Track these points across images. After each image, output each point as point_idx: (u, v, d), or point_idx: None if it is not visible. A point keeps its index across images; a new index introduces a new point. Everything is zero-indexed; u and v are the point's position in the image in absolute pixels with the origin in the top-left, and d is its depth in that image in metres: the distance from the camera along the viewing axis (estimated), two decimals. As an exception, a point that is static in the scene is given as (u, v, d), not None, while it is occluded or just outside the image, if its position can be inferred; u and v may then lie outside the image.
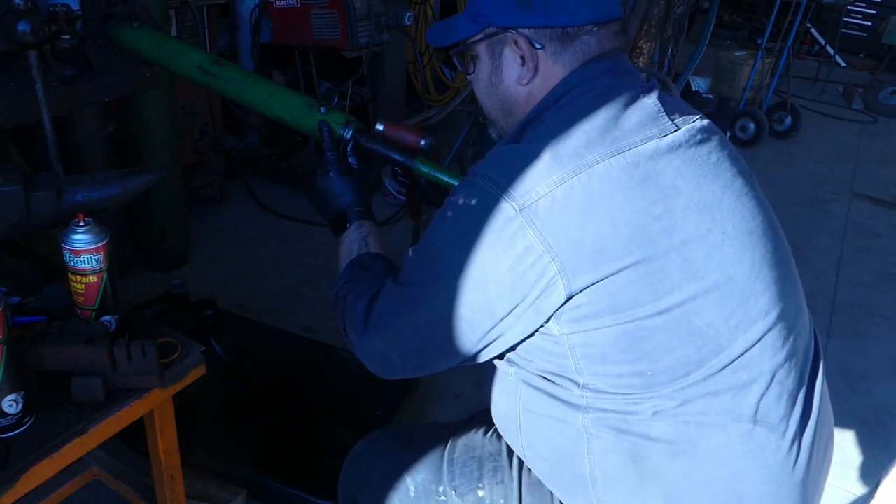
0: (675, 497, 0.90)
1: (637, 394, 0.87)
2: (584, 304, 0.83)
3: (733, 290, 0.86)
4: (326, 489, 1.68)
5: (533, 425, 0.99)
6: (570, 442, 0.93)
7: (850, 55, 7.69)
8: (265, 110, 1.39)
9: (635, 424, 0.88)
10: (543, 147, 0.85)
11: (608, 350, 0.85)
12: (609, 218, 0.81)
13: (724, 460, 0.88)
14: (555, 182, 0.82)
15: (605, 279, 0.81)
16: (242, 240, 3.10)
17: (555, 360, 0.90)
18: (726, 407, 0.87)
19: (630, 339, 0.84)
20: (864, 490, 2.02)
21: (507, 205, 0.82)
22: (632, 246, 0.81)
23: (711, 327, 0.85)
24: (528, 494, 1.08)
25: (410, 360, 0.98)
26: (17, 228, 1.17)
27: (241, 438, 1.94)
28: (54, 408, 1.05)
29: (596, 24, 0.94)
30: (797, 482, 0.92)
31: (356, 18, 2.90)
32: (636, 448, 0.89)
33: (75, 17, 1.50)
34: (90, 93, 1.53)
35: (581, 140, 0.85)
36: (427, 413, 2.17)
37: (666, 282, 0.83)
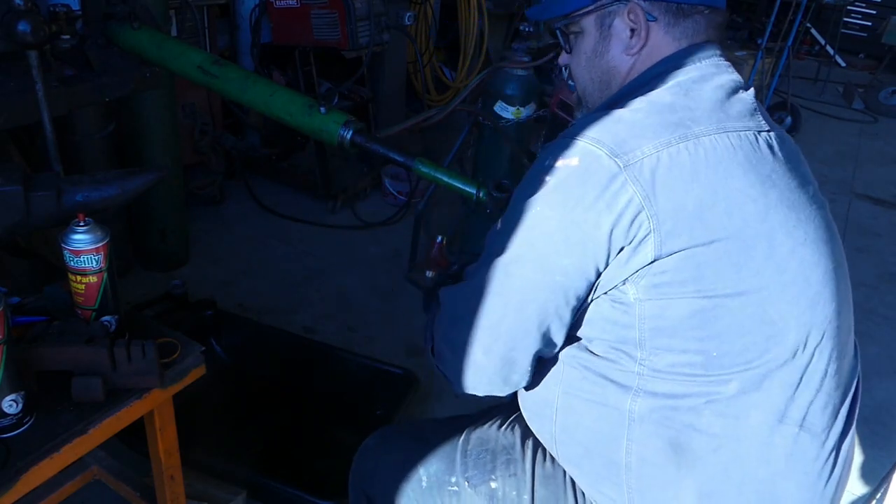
0: (710, 491, 0.90)
1: (696, 376, 0.87)
2: (669, 270, 0.84)
3: (807, 291, 0.88)
4: (326, 489, 1.69)
5: (571, 409, 0.99)
6: (611, 426, 0.94)
7: (850, 55, 7.69)
8: (265, 110, 1.39)
9: (684, 413, 0.89)
10: (649, 113, 0.87)
11: (680, 324, 0.86)
12: (711, 188, 0.83)
13: (766, 460, 0.89)
14: (661, 144, 0.84)
15: (695, 248, 0.83)
16: (242, 240, 3.10)
17: (617, 331, 0.90)
18: (777, 406, 0.88)
19: (706, 316, 0.85)
20: (864, 490, 2.02)
21: (610, 162, 0.83)
22: (727, 221, 0.83)
23: (783, 320, 0.87)
24: (541, 487, 1.08)
25: (497, 345, 0.93)
26: (17, 228, 1.17)
27: (241, 438, 1.94)
28: (54, 408, 1.05)
29: (708, 8, 0.96)
30: (829, 495, 0.93)
31: (356, 18, 2.90)
32: (680, 437, 0.89)
33: (75, 17, 1.51)
34: (90, 93, 1.53)
35: (688, 114, 0.87)
36: (427, 413, 2.17)
37: (751, 264, 0.85)
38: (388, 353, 2.40)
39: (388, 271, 2.95)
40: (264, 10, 3.16)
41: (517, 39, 2.42)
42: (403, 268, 2.93)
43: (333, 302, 2.70)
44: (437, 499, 1.12)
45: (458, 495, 1.10)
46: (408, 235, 2.95)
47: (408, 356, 2.42)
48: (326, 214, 3.37)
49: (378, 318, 2.62)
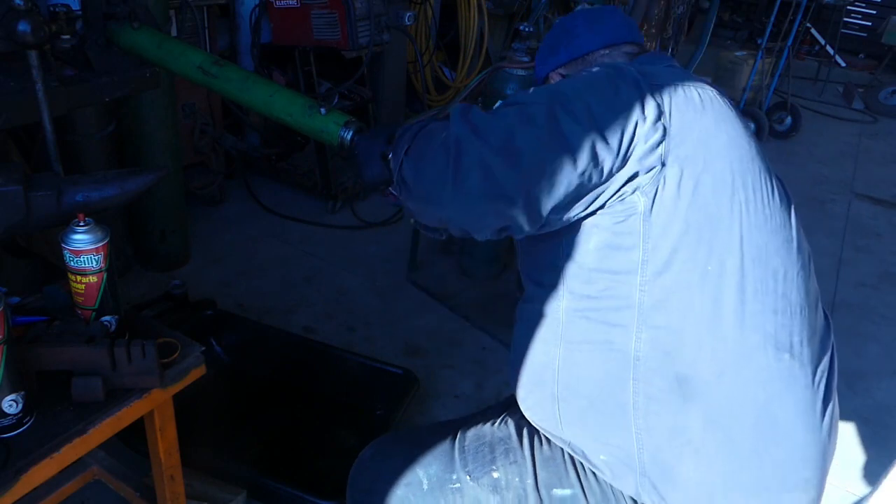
0: (715, 417, 0.95)
1: (692, 300, 0.94)
2: (674, 183, 0.94)
3: (782, 233, 0.99)
4: (326, 489, 1.69)
5: (574, 363, 1.03)
6: (616, 370, 0.99)
7: (850, 55, 7.69)
8: (265, 111, 1.39)
9: (687, 346, 0.95)
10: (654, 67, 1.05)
11: (677, 240, 0.94)
12: (715, 123, 0.97)
13: (763, 383, 0.95)
14: (678, 80, 0.99)
15: (696, 168, 0.94)
16: (242, 240, 3.10)
17: (621, 257, 0.96)
18: (768, 331, 0.95)
19: (701, 233, 0.94)
20: (864, 490, 2.02)
21: (639, 77, 0.97)
22: (725, 152, 0.96)
23: (765, 249, 0.96)
24: (542, 469, 1.11)
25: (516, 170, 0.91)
26: (17, 228, 1.17)
27: (241, 438, 1.94)
28: (54, 408, 1.05)
29: (607, 47, 1.16)
30: (825, 433, 0.99)
31: (356, 18, 2.90)
32: (684, 369, 0.95)
33: (75, 17, 1.50)
34: (90, 93, 1.53)
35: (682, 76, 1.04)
36: (427, 413, 2.17)
37: (742, 193, 0.96)
38: (387, 353, 2.40)
39: (388, 271, 2.95)
40: (264, 11, 3.16)
41: (517, 39, 2.42)
42: (403, 268, 2.93)
43: (333, 302, 2.70)
44: (439, 499, 1.13)
45: (460, 491, 1.11)
46: (408, 235, 2.95)
47: (407, 356, 2.42)
48: (326, 214, 3.37)
49: (378, 318, 2.63)
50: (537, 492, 1.09)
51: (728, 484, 0.97)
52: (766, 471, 0.96)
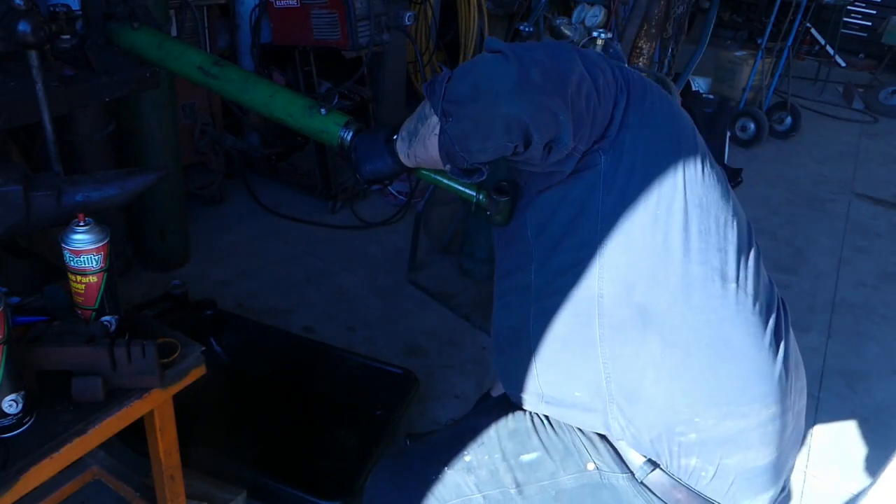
0: (672, 340, 1.04)
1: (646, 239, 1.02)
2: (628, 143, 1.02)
3: (721, 188, 1.08)
4: (326, 489, 1.69)
5: (544, 313, 1.12)
6: (583, 307, 1.07)
7: (850, 55, 7.70)
8: (265, 111, 1.39)
9: (644, 280, 1.04)
10: None
11: (630, 178, 1.02)
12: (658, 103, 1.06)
13: (714, 308, 1.04)
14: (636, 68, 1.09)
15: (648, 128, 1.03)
16: (242, 240, 3.10)
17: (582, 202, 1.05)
18: (715, 265, 1.03)
19: (651, 181, 1.02)
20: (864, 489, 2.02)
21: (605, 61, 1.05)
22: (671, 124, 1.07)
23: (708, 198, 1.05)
24: (508, 441, 1.20)
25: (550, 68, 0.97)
26: (17, 228, 1.17)
27: (241, 438, 1.94)
28: (54, 408, 1.05)
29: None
30: (771, 345, 1.07)
31: (356, 18, 2.90)
32: (642, 298, 1.04)
33: (75, 17, 1.51)
34: (90, 93, 1.53)
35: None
36: (427, 413, 2.17)
37: (683, 153, 1.05)
38: (388, 353, 2.40)
39: (388, 271, 2.95)
40: (264, 11, 3.16)
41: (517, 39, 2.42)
42: (403, 268, 2.93)
43: (333, 302, 2.70)
44: (424, 491, 1.20)
45: (441, 481, 1.19)
46: (408, 235, 2.95)
47: (408, 356, 2.42)
48: (326, 214, 3.37)
49: (378, 318, 2.63)
50: (506, 462, 1.18)
51: (688, 398, 1.05)
52: (722, 385, 1.05)
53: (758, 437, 1.06)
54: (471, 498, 1.17)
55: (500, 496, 1.17)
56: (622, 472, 1.13)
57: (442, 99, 0.98)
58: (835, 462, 2.10)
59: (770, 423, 1.06)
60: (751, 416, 1.05)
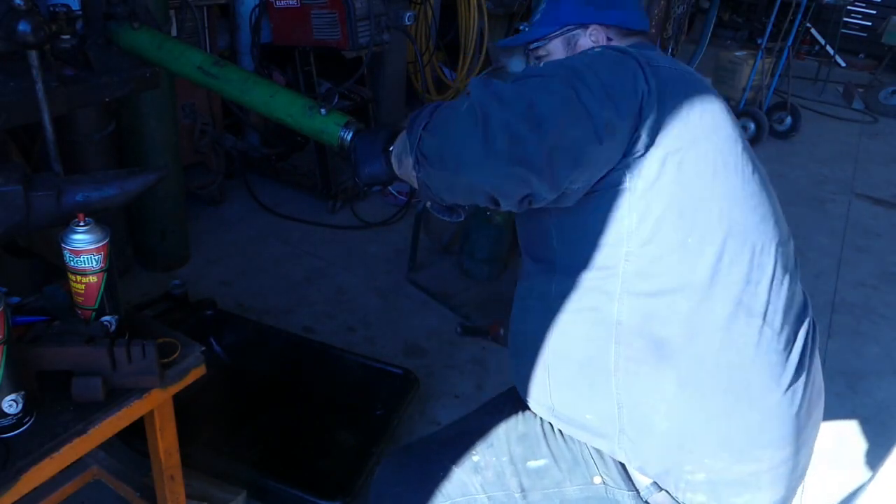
0: (687, 378, 1.01)
1: (671, 267, 0.99)
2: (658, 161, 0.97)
3: (761, 207, 1.04)
4: (326, 489, 1.69)
5: (562, 330, 1.09)
6: (600, 333, 1.04)
7: (850, 55, 7.70)
8: (265, 111, 1.39)
9: (662, 309, 1.00)
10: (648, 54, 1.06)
11: (663, 211, 0.98)
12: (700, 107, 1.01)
13: (735, 347, 1.00)
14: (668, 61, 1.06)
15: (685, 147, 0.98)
16: (242, 240, 3.10)
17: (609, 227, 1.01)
18: (739, 296, 1.00)
19: (684, 206, 0.99)
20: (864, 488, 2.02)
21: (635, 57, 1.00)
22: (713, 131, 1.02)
23: (743, 223, 1.01)
24: (517, 445, 1.19)
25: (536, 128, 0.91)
26: (17, 228, 1.17)
27: (241, 438, 1.94)
28: (54, 408, 1.05)
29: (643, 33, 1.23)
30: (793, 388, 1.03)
31: (356, 18, 2.90)
32: (660, 332, 1.00)
33: (75, 17, 1.51)
34: (90, 93, 1.53)
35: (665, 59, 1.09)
36: (427, 413, 2.17)
37: (724, 171, 1.01)
38: (388, 353, 2.40)
39: (388, 271, 2.95)
40: (264, 11, 3.16)
41: (517, 39, 2.42)
42: (403, 268, 2.93)
43: (333, 302, 2.70)
44: (432, 488, 1.20)
45: (448, 478, 1.20)
46: (408, 235, 2.95)
47: (408, 356, 2.42)
48: (326, 214, 3.37)
49: (378, 318, 2.63)
50: (513, 466, 1.17)
51: (699, 439, 1.03)
52: (736, 430, 1.02)
53: (769, 479, 1.04)
54: (476, 498, 1.17)
55: (505, 499, 1.16)
56: (628, 489, 1.12)
57: (416, 145, 0.98)
58: (835, 462, 2.10)
59: (782, 464, 1.04)
60: (763, 461, 1.03)
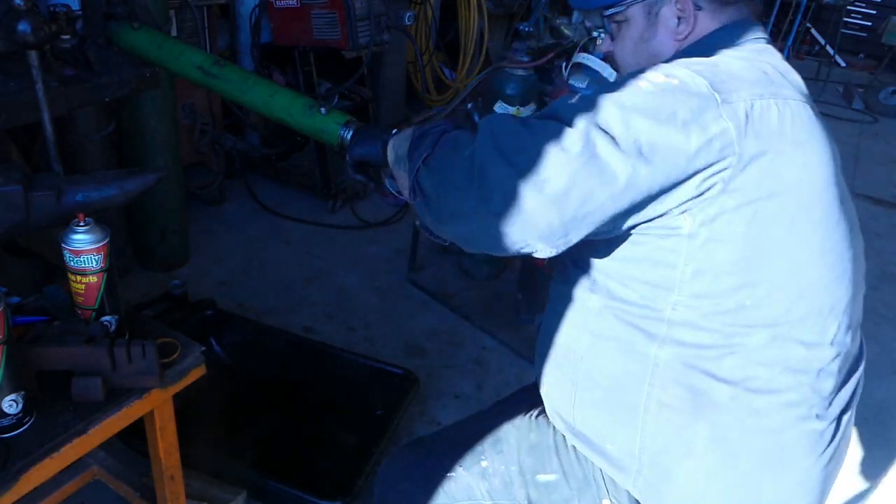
0: (722, 436, 0.95)
1: (724, 326, 0.91)
2: (730, 211, 0.87)
3: (839, 266, 0.95)
4: (326, 489, 1.69)
5: (597, 354, 1.04)
6: (634, 371, 0.98)
7: (850, 55, 7.69)
8: (265, 111, 1.39)
9: (706, 361, 0.93)
10: (741, 66, 0.92)
11: (722, 268, 0.89)
12: (790, 146, 0.89)
13: (780, 413, 0.95)
14: (755, 95, 0.88)
15: (761, 197, 0.87)
16: (242, 240, 3.10)
17: (658, 271, 0.93)
18: (793, 365, 0.93)
19: (748, 264, 0.89)
20: (864, 488, 2.02)
21: (711, 92, 0.86)
22: (796, 178, 0.89)
23: (814, 285, 0.93)
24: (527, 456, 1.16)
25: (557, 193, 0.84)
26: (17, 228, 1.17)
27: (241, 438, 1.94)
28: (54, 408, 1.05)
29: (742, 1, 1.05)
30: (828, 455, 0.99)
31: (356, 18, 2.90)
32: (700, 384, 0.94)
33: (75, 17, 1.50)
34: (90, 93, 1.53)
35: (775, 76, 0.94)
36: (427, 413, 2.17)
37: (803, 225, 0.90)
38: (388, 353, 2.40)
39: (388, 271, 2.95)
40: (264, 10, 3.17)
41: (517, 39, 2.42)
42: (403, 268, 2.93)
43: (333, 302, 2.70)
44: (437, 488, 1.18)
45: (454, 479, 1.18)
46: (408, 235, 2.95)
47: (408, 356, 2.42)
48: (326, 214, 3.37)
49: (378, 318, 2.63)
50: (522, 477, 1.15)
51: (722, 496, 0.98)
52: (763, 494, 0.97)
53: None
54: (480, 503, 1.16)
55: None
56: None
57: (414, 175, 0.95)
58: (835, 462, 2.10)
59: None
60: None
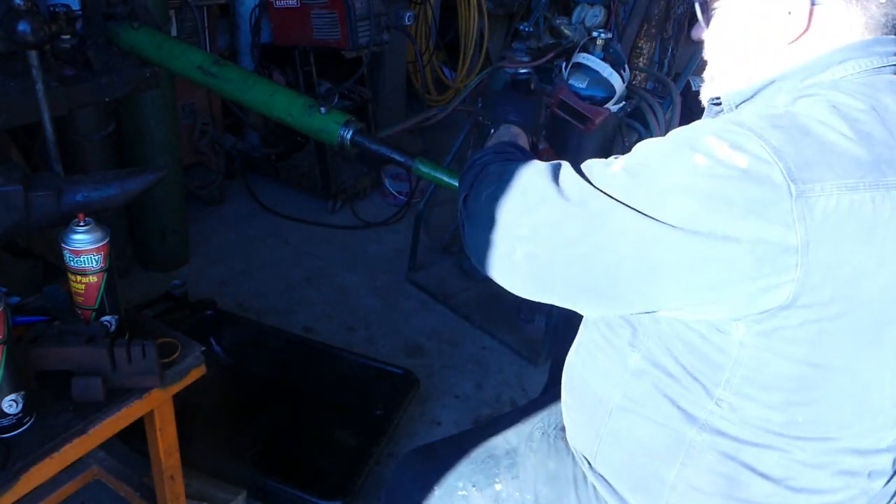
0: None
1: (770, 432, 0.82)
2: (791, 327, 0.73)
3: None
4: (326, 489, 1.69)
5: (627, 418, 0.94)
6: (667, 447, 0.90)
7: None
8: (265, 111, 1.39)
9: (746, 454, 0.84)
10: (842, 135, 0.71)
11: (775, 382, 0.78)
12: (880, 255, 0.70)
13: None
14: (846, 186, 0.68)
15: (830, 315, 0.72)
16: (242, 240, 3.10)
17: (704, 365, 0.82)
18: (843, 468, 0.85)
19: (805, 382, 0.77)
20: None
21: (784, 182, 0.68)
22: (878, 295, 0.72)
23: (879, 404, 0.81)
24: (544, 486, 1.10)
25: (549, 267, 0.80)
26: (17, 228, 1.17)
27: (241, 438, 1.94)
28: (54, 408, 1.05)
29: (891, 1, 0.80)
30: None
31: (356, 18, 2.90)
32: (737, 475, 0.86)
33: (75, 17, 1.51)
34: (90, 93, 1.53)
35: (885, 151, 0.71)
36: (427, 413, 2.17)
37: (876, 344, 0.75)
38: (388, 353, 2.40)
39: (388, 271, 2.95)
40: (264, 11, 3.17)
41: (517, 39, 2.42)
42: (403, 268, 2.93)
43: (333, 302, 2.70)
44: (447, 501, 1.15)
45: (466, 499, 1.13)
46: (408, 235, 2.95)
47: (408, 356, 2.42)
48: (326, 214, 3.37)
49: (378, 318, 2.63)
50: None
51: None
52: None
53: None
54: None
55: None
56: None
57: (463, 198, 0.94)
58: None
59: None
60: None
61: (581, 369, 1.04)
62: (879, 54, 0.79)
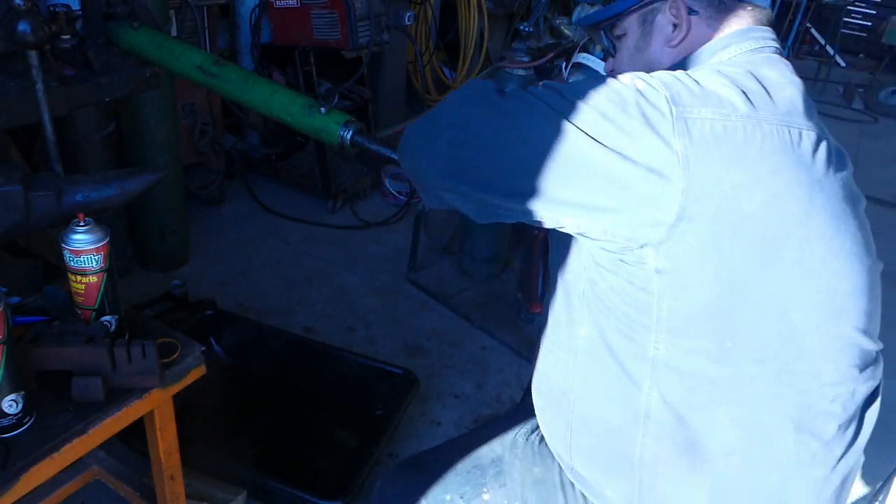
0: (721, 490, 0.91)
1: (708, 368, 0.86)
2: (690, 242, 0.80)
3: (832, 303, 0.86)
4: (326, 489, 1.69)
5: (588, 401, 1.00)
6: (626, 421, 0.94)
7: (850, 55, 7.69)
8: (265, 111, 1.39)
9: (698, 414, 0.88)
10: (720, 86, 0.84)
11: (697, 308, 0.84)
12: (755, 175, 0.80)
13: (778, 465, 0.90)
14: (721, 115, 0.81)
15: (720, 229, 0.80)
16: (242, 240, 3.10)
17: (635, 310, 0.88)
18: (789, 412, 0.88)
19: (722, 304, 0.83)
20: (865, 490, 2.02)
21: (667, 105, 0.80)
22: (760, 213, 0.80)
23: (803, 325, 0.85)
24: (531, 491, 1.12)
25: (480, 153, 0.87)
26: (17, 228, 1.17)
27: (241, 438, 1.94)
28: (54, 408, 1.05)
29: (751, 5, 0.99)
30: (833, 500, 0.95)
31: (356, 18, 2.90)
32: (695, 437, 0.89)
33: (75, 17, 1.50)
34: (90, 93, 1.53)
35: (757, 97, 0.84)
36: (427, 413, 2.17)
37: (777, 264, 0.82)
38: (388, 353, 2.40)
39: (388, 271, 2.95)
40: (264, 10, 3.17)
41: (517, 39, 2.42)
42: (403, 268, 2.93)
43: (333, 302, 2.70)
44: None
45: None
46: (408, 235, 2.95)
47: (408, 356, 2.42)
48: (326, 214, 3.37)
49: (378, 318, 2.63)
50: None
51: None
52: None
53: None
54: None
55: None
56: None
57: None
58: (835, 462, 2.10)
59: None
60: None
61: (542, 367, 1.10)
62: (756, 38, 0.97)
